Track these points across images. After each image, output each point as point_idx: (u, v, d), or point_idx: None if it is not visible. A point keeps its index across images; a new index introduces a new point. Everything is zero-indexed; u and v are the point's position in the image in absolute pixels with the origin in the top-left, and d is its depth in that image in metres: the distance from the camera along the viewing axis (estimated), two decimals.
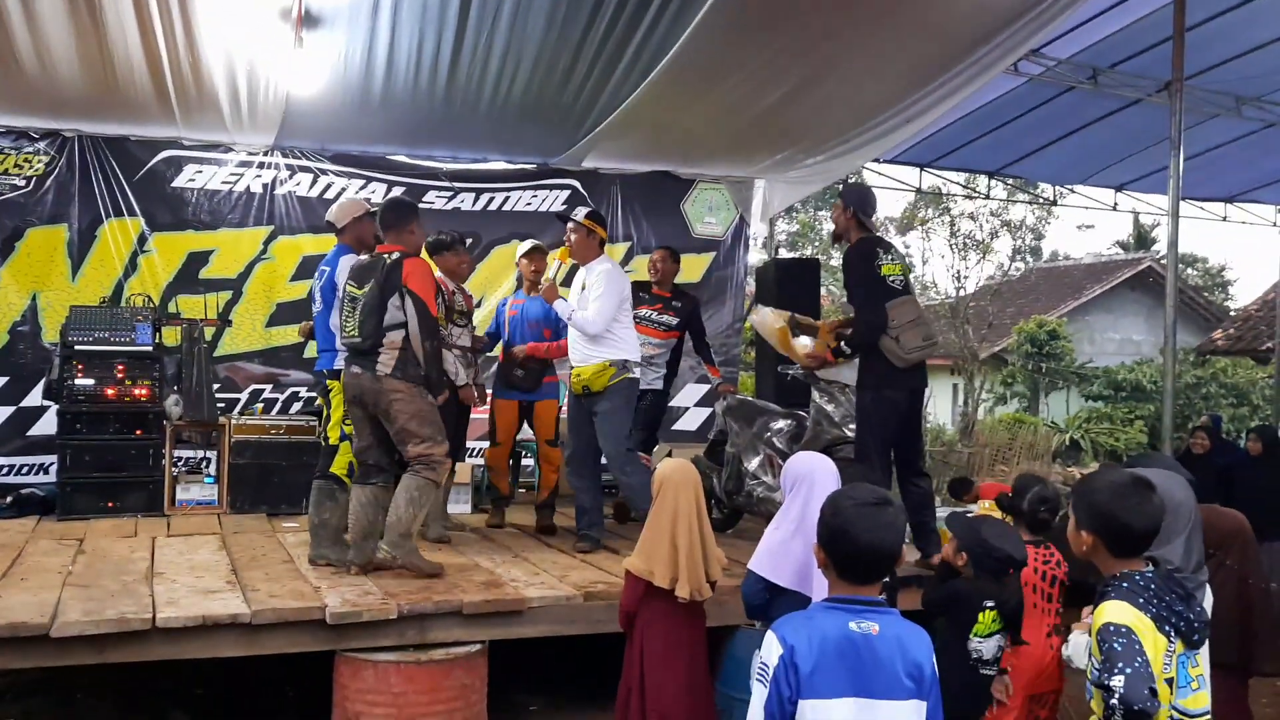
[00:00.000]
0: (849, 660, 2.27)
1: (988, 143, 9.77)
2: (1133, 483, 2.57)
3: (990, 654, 3.74)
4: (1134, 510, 2.52)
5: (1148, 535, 2.54)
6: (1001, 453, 15.79)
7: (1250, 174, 10.73)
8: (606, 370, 5.73)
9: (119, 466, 6.88)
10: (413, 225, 5.16)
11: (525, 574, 5.15)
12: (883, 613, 2.36)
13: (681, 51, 6.49)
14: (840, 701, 2.25)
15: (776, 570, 3.59)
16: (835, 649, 2.27)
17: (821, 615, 2.36)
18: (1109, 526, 2.52)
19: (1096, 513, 2.55)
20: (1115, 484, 2.58)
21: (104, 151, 7.93)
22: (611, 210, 9.39)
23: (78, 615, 4.13)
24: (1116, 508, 2.53)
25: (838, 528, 2.39)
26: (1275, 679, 5.55)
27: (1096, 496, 2.57)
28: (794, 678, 2.23)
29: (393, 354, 4.90)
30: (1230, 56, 7.96)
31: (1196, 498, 3.67)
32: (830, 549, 2.41)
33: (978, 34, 6.60)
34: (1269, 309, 14.68)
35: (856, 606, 2.34)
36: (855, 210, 5.43)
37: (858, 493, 2.49)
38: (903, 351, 5.24)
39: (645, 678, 3.86)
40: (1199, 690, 2.63)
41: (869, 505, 2.41)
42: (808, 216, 24.41)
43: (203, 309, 7.76)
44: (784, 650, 2.25)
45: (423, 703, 4.32)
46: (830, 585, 2.44)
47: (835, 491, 2.57)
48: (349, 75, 6.92)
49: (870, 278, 5.31)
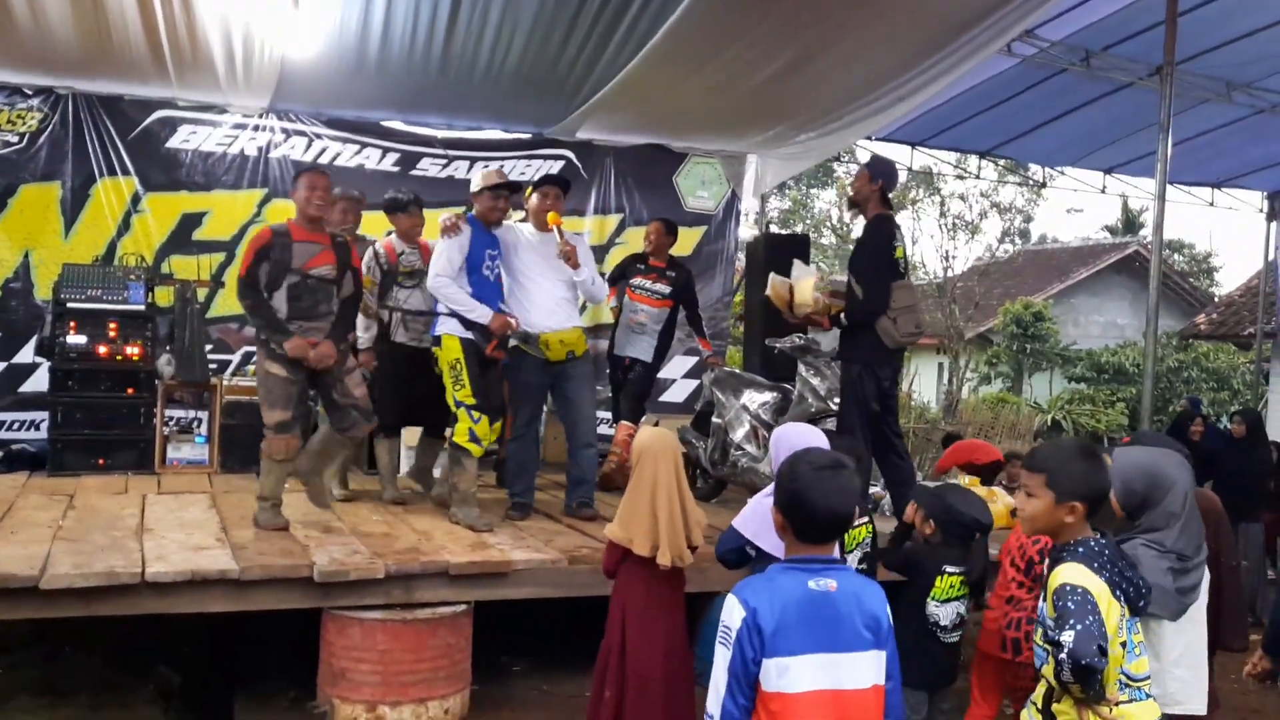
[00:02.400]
0: (810, 618, 2.33)
1: (979, 123, 9.81)
2: (833, 463, 2.49)
3: (948, 620, 3.83)
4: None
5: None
6: (984, 431, 15.94)
7: (1238, 160, 10.80)
8: (583, 335, 5.80)
9: (110, 424, 6.94)
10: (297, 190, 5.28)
11: (511, 538, 5.23)
12: (839, 569, 2.43)
13: (676, 25, 6.51)
14: (803, 658, 2.32)
15: (759, 533, 3.65)
16: (796, 608, 2.32)
17: (781, 576, 2.40)
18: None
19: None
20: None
21: (98, 110, 7.92)
22: (605, 182, 9.43)
23: (67, 568, 4.18)
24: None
25: (795, 491, 2.43)
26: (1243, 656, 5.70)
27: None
28: (757, 639, 2.29)
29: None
30: (1222, 42, 8.00)
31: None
32: (788, 512, 2.45)
33: (972, 14, 6.64)
34: (1252, 295, 14.80)
35: (814, 565, 2.40)
36: (883, 183, 5.49)
37: (813, 456, 2.52)
38: (897, 334, 5.34)
39: (626, 639, 3.95)
40: (1141, 656, 2.72)
41: (825, 469, 2.45)
42: (799, 194, 24.42)
43: (196, 270, 7.79)
44: (746, 613, 2.30)
45: (408, 661, 4.41)
46: (787, 547, 2.49)
47: (791, 456, 2.58)
48: (345, 40, 6.92)
49: (884, 257, 5.40)
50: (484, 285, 5.51)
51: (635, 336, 6.90)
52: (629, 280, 6.96)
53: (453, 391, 5.39)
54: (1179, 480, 3.14)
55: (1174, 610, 3.11)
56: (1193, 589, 3.14)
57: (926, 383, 21.51)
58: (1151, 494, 3.12)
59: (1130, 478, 3.14)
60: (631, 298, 6.89)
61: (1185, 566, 3.12)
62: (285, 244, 5.08)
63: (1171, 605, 3.10)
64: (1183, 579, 3.11)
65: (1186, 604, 3.13)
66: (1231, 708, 5.27)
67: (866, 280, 5.39)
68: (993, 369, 21.03)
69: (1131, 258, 22.98)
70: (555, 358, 5.69)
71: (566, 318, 5.71)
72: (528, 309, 5.63)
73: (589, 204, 9.34)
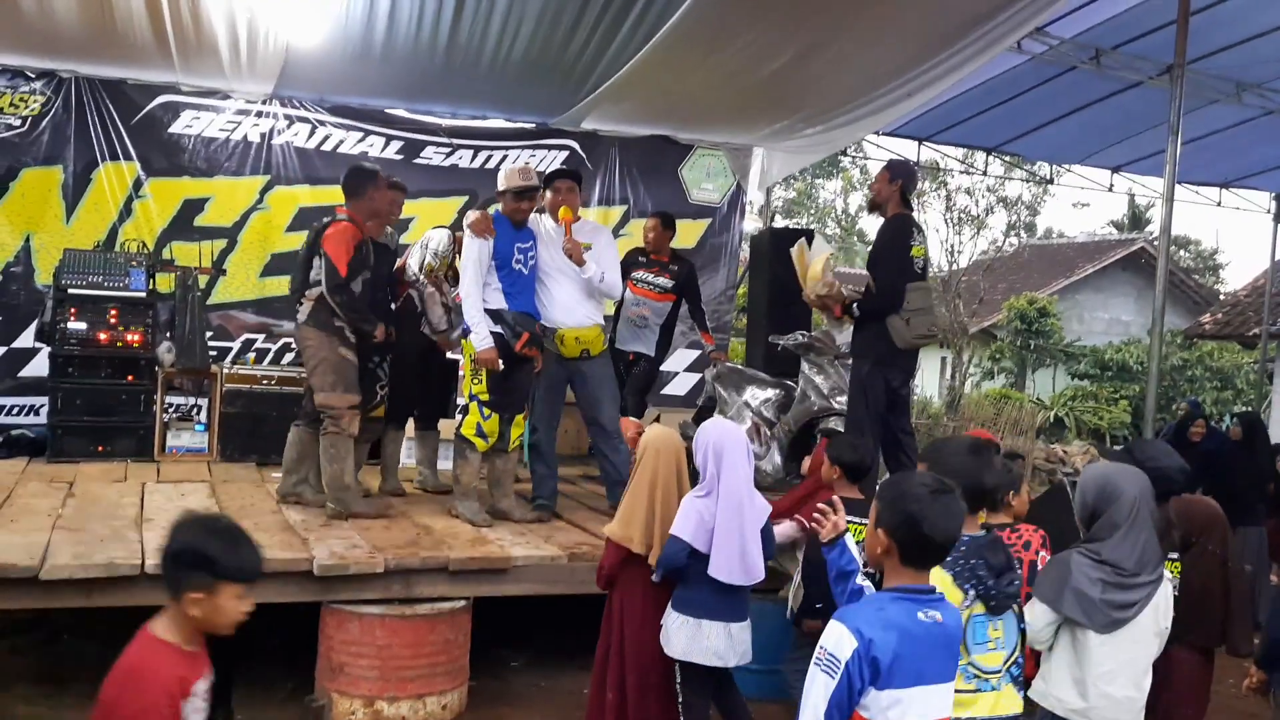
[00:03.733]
0: (921, 651, 2.33)
1: (987, 119, 9.76)
2: (936, 487, 2.45)
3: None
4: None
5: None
6: (987, 427, 15.90)
7: (1247, 160, 10.75)
8: (601, 333, 5.74)
9: (110, 411, 6.92)
10: (370, 192, 5.43)
11: (511, 533, 5.22)
12: (941, 601, 2.44)
13: (684, 16, 6.46)
14: (914, 690, 2.32)
15: (697, 535, 3.67)
16: (910, 640, 2.31)
17: (891, 605, 2.37)
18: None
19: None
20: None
21: (101, 94, 7.88)
22: (610, 173, 9.39)
23: (67, 559, 4.18)
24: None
25: (911, 515, 2.38)
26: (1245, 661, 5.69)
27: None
28: (869, 670, 2.27)
29: (308, 304, 5.34)
30: (1233, 42, 7.94)
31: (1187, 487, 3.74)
32: (900, 535, 2.40)
33: (983, 10, 6.59)
34: (1258, 295, 14.76)
35: (922, 596, 2.39)
36: (903, 184, 5.49)
37: (923, 478, 2.51)
38: (909, 334, 5.32)
39: (625, 639, 3.94)
40: (994, 650, 2.84)
41: (939, 492, 2.42)
42: (805, 184, 24.35)
43: (197, 257, 7.76)
44: (859, 644, 2.26)
45: (406, 656, 4.41)
46: (889, 573, 2.44)
47: (897, 478, 2.59)
48: (350, 27, 6.87)
49: (901, 255, 5.39)
50: (516, 279, 5.44)
51: (638, 330, 6.85)
52: (630, 274, 6.86)
53: (470, 384, 5.38)
54: (1126, 492, 3.15)
55: (1101, 622, 3.10)
56: (1128, 605, 3.11)
57: (929, 377, 21.46)
58: (1099, 505, 3.17)
59: (1085, 489, 3.22)
60: (634, 291, 6.82)
61: (1122, 580, 3.10)
62: (364, 242, 5.36)
63: (1098, 617, 3.09)
64: (1115, 592, 3.10)
65: (1118, 618, 3.11)
66: (1230, 712, 5.26)
67: (881, 275, 5.40)
68: (996, 364, 20.98)
69: (1137, 254, 22.88)
70: (569, 354, 5.65)
71: (586, 315, 5.64)
72: (547, 305, 5.61)
73: (593, 195, 9.28)
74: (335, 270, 5.19)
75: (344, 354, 5.29)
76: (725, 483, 3.66)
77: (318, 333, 5.29)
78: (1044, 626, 3.12)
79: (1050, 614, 3.11)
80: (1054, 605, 3.11)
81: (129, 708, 2.24)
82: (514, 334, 5.33)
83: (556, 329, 5.59)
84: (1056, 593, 3.10)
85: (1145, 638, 3.16)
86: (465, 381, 5.44)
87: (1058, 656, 3.17)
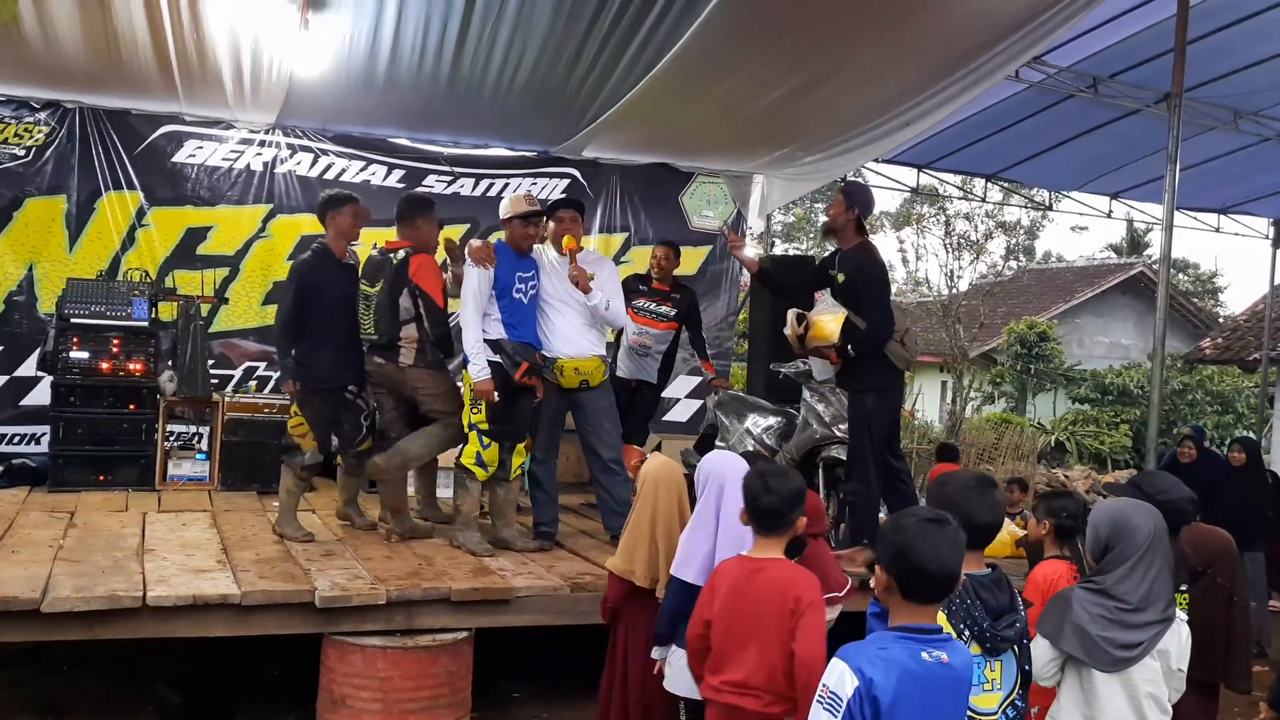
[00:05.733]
0: (924, 692, 2.29)
1: (986, 146, 9.82)
2: (936, 518, 2.44)
3: None
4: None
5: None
6: (987, 452, 15.87)
7: (1244, 187, 10.81)
8: (602, 364, 5.72)
9: (111, 440, 6.92)
10: (419, 220, 5.42)
11: (513, 563, 5.20)
12: (948, 641, 2.40)
13: (685, 48, 6.52)
14: None
15: (701, 575, 3.54)
16: (913, 681, 2.27)
17: (894, 645, 2.33)
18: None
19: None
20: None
21: (105, 124, 7.93)
22: (610, 201, 9.43)
23: (69, 591, 4.16)
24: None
25: (901, 546, 2.36)
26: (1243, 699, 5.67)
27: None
28: (869, 710, 2.24)
29: (411, 347, 5.38)
30: (1230, 71, 8.01)
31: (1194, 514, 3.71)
32: (895, 569, 2.38)
33: (980, 42, 6.65)
34: (1257, 320, 14.78)
35: (926, 636, 2.35)
36: (859, 212, 5.41)
37: (917, 510, 2.51)
38: (908, 355, 5.32)
39: (629, 671, 3.92)
40: (991, 692, 2.77)
41: (931, 522, 2.40)
42: (804, 209, 24.42)
43: (200, 285, 7.77)
44: (860, 683, 2.24)
45: (408, 688, 4.38)
46: (894, 611, 2.41)
47: (897, 514, 2.56)
48: (353, 57, 6.93)
49: (883, 282, 5.38)
50: (517, 309, 5.44)
51: (639, 359, 6.86)
52: (631, 302, 6.84)
53: (469, 414, 5.37)
54: (1141, 527, 3.10)
55: (1103, 660, 3.03)
56: (1133, 645, 3.03)
57: (930, 402, 21.46)
58: (1111, 540, 3.12)
59: (1098, 524, 3.17)
60: (635, 320, 6.83)
61: (1124, 617, 3.03)
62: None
63: (1099, 655, 3.03)
64: (1117, 630, 3.03)
65: (1121, 657, 3.03)
66: None
67: (871, 307, 5.28)
68: (996, 388, 20.96)
69: (1137, 278, 22.95)
70: (568, 385, 5.61)
71: (588, 345, 5.60)
72: (548, 335, 5.58)
73: (594, 223, 9.32)
74: (435, 306, 5.39)
75: (449, 378, 5.60)
76: (725, 516, 3.63)
77: (428, 372, 5.47)
78: (1047, 663, 3.08)
79: (1052, 650, 3.08)
80: (1054, 641, 3.07)
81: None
82: (513, 364, 5.33)
83: (556, 359, 5.57)
84: (1057, 628, 3.07)
85: (1155, 678, 3.07)
86: (465, 411, 5.43)
87: (1066, 695, 3.13)
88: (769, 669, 3.02)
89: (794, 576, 3.11)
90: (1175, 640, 3.13)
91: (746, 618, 3.09)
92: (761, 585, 3.10)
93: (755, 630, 3.08)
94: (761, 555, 3.17)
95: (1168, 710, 3.11)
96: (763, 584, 3.10)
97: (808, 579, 3.11)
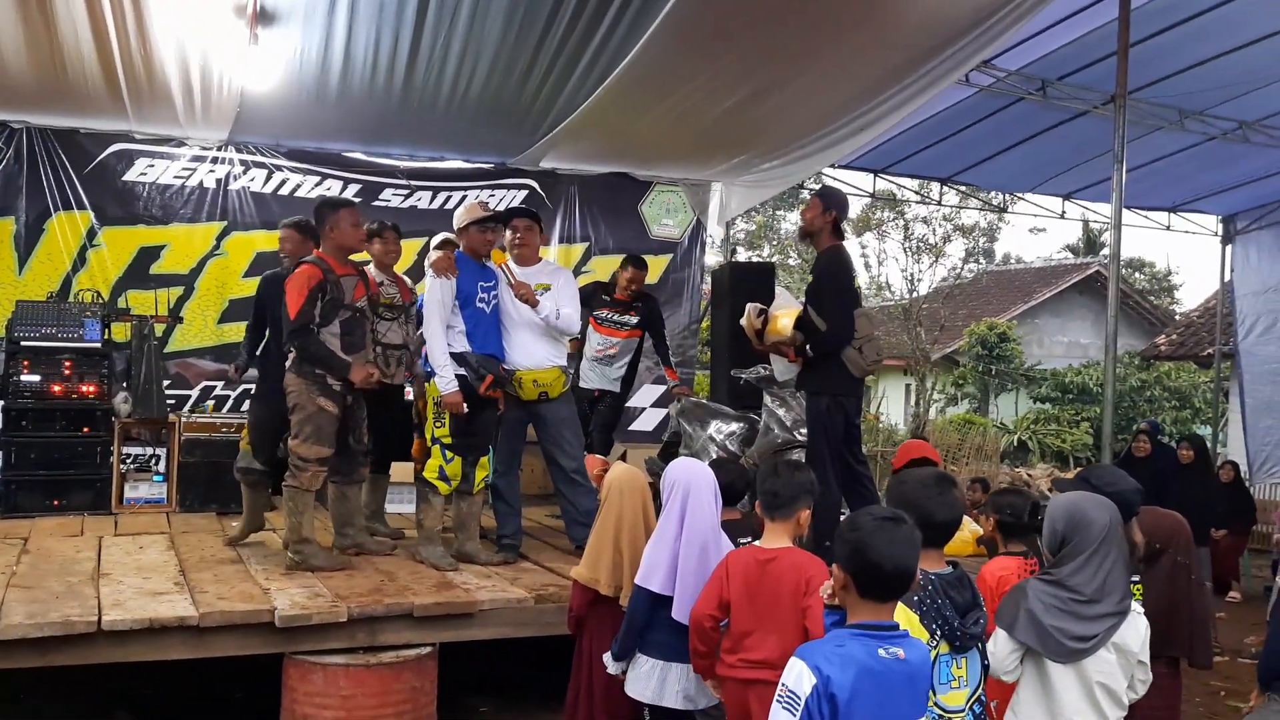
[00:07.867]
0: (881, 687, 2.29)
1: (939, 150, 9.91)
2: (889, 515, 2.46)
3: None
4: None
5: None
6: (952, 453, 16.04)
7: (1192, 185, 10.97)
8: (561, 375, 5.69)
9: (65, 464, 6.81)
10: (327, 227, 5.20)
11: (476, 577, 5.16)
12: (905, 638, 2.41)
13: (638, 57, 6.53)
14: None
15: (667, 583, 3.59)
16: (869, 677, 2.28)
17: (850, 642, 2.34)
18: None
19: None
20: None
21: (53, 144, 7.83)
22: (570, 211, 9.44)
23: (21, 618, 4.08)
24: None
25: (857, 543, 2.38)
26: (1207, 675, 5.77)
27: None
28: (828, 707, 2.24)
29: (292, 352, 5.18)
30: (1174, 71, 8.14)
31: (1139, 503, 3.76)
32: (851, 566, 2.39)
33: (930, 46, 6.71)
34: (1210, 316, 15.05)
35: (883, 633, 2.36)
36: (836, 214, 5.44)
37: (872, 509, 2.53)
38: (864, 362, 5.32)
39: (594, 680, 3.91)
40: (959, 689, 2.83)
41: (887, 520, 2.42)
42: (765, 216, 24.57)
43: (153, 305, 7.68)
44: (817, 680, 2.25)
45: (371, 705, 4.33)
46: (851, 609, 2.42)
47: (854, 513, 2.59)
48: (305, 72, 6.88)
49: (846, 287, 5.39)
50: (479, 319, 5.40)
51: (602, 368, 6.85)
52: (594, 311, 6.85)
53: (431, 427, 5.33)
54: (1097, 520, 3.12)
55: (1055, 650, 3.04)
56: (1086, 637, 3.04)
57: (894, 405, 21.63)
58: (1068, 533, 3.14)
59: (1054, 517, 3.20)
60: (597, 330, 6.83)
61: (1079, 610, 3.04)
62: (334, 279, 5.11)
63: (1051, 645, 3.04)
64: (1070, 621, 3.03)
65: (1075, 649, 3.04)
66: None
67: (830, 311, 5.31)
68: (959, 390, 21.17)
69: (1093, 278, 23.27)
70: (527, 397, 5.57)
71: (546, 357, 5.57)
72: (507, 347, 5.54)
73: (554, 233, 9.32)
74: (286, 318, 5.06)
75: (322, 404, 5.08)
76: (689, 524, 3.63)
77: (297, 380, 5.11)
78: (1007, 655, 3.10)
79: (1011, 641, 3.11)
80: (1011, 631, 3.11)
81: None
82: (478, 376, 5.29)
83: (514, 371, 5.53)
84: (1013, 618, 3.11)
85: (1110, 670, 3.08)
86: (428, 424, 5.38)
87: (1025, 688, 3.15)
88: (786, 651, 3.05)
89: (804, 562, 3.27)
90: (1134, 633, 3.13)
91: (765, 605, 3.25)
92: (775, 573, 3.25)
93: (773, 616, 3.23)
94: (772, 545, 3.32)
95: (1123, 703, 3.14)
96: (776, 571, 3.26)
97: (817, 563, 3.25)
